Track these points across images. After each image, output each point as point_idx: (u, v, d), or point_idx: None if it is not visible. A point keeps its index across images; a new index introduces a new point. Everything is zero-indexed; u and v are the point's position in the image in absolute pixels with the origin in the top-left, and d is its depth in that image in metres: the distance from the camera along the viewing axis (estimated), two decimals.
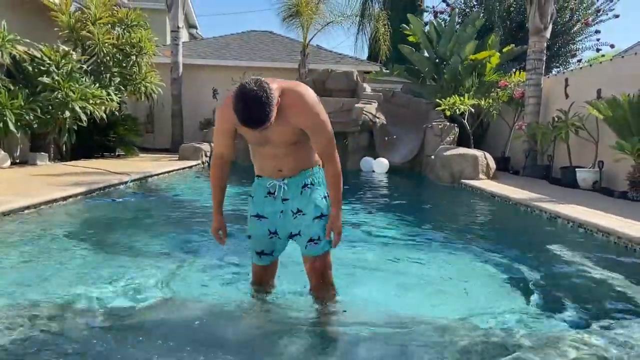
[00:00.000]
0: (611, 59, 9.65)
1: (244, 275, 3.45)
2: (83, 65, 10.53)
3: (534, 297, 3.23)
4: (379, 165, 11.47)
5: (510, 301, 3.15)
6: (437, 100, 11.90)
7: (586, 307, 3.10)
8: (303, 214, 2.53)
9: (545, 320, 2.83)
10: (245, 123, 2.13)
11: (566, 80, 10.22)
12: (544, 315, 2.91)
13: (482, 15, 14.64)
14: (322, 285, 2.69)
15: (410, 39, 14.31)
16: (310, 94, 2.38)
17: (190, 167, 10.79)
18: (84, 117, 9.62)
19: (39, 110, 9.04)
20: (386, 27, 15.32)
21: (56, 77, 9.43)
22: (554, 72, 14.44)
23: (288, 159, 2.49)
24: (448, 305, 3.04)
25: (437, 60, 14.10)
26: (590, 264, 4.07)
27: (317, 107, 2.38)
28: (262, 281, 2.83)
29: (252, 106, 2.08)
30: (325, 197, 2.58)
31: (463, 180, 9.19)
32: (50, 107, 9.29)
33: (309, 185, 2.56)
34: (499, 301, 3.14)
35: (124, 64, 11.86)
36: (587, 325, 2.76)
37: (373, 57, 17.75)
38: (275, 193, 2.55)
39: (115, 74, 11.68)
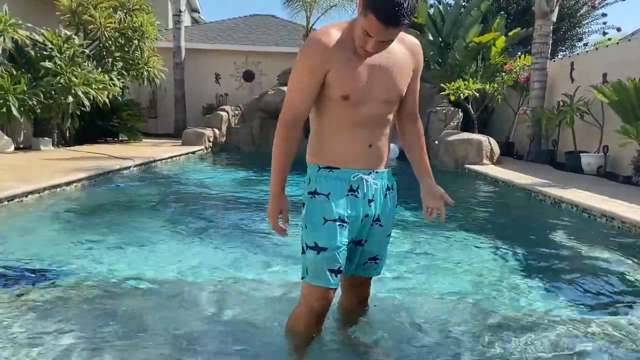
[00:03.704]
0: (617, 43, 9.54)
1: (250, 263, 3.47)
2: (85, 50, 10.47)
3: (537, 281, 3.23)
4: (392, 152, 11.54)
5: (513, 284, 3.16)
6: (442, 84, 11.82)
7: (589, 291, 3.11)
8: (380, 226, 2.00)
9: (547, 303, 2.84)
10: (385, 9, 1.56)
11: (572, 64, 10.12)
12: (546, 298, 2.92)
13: None
14: (360, 311, 2.32)
15: (419, 20, 14.12)
16: None
17: (194, 152, 10.79)
18: (86, 102, 9.61)
19: (41, 95, 9.02)
20: None
21: (58, 62, 9.39)
22: (559, 56, 14.30)
23: (382, 131, 1.93)
24: (450, 286, 3.05)
25: (441, 44, 13.96)
26: (593, 248, 4.07)
27: None
28: (325, 312, 2.02)
29: None
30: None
31: (467, 166, 9.16)
32: (53, 92, 9.28)
33: (391, 189, 2.04)
34: (501, 284, 3.15)
35: (126, 49, 11.80)
36: (590, 308, 2.78)
37: None
38: (362, 191, 1.92)
39: (118, 58, 11.64)
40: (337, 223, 1.87)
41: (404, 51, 1.89)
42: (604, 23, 15.88)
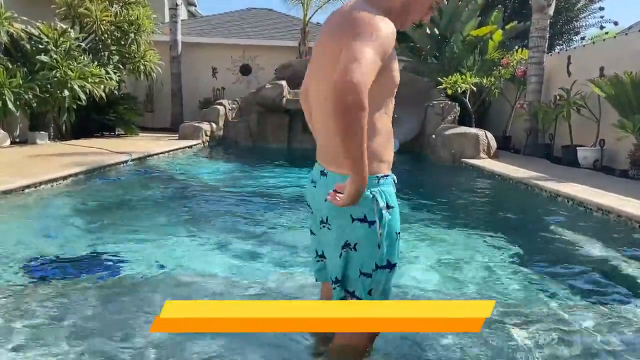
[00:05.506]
0: (615, 37, 9.55)
1: (248, 257, 3.48)
2: (81, 44, 10.42)
3: (532, 274, 3.25)
4: (394, 145, 11.57)
5: (507, 278, 3.18)
6: (439, 78, 11.81)
7: (585, 284, 3.12)
8: None
9: (542, 296, 2.86)
10: None
11: (569, 58, 10.13)
12: (541, 292, 2.94)
13: None
14: None
15: None
16: None
17: (191, 146, 10.76)
18: (83, 96, 9.56)
19: (37, 89, 8.97)
20: None
21: (54, 56, 9.34)
22: (556, 50, 14.29)
23: None
24: (444, 279, 3.06)
25: (439, 38, 13.95)
26: (589, 242, 4.09)
27: None
28: None
29: None
30: None
31: (464, 160, 9.17)
32: (49, 86, 9.22)
33: None
34: (496, 278, 3.17)
35: (123, 42, 11.74)
36: (586, 302, 2.79)
37: None
38: None
39: (114, 52, 11.58)
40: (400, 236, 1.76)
41: None
42: (601, 17, 15.90)
